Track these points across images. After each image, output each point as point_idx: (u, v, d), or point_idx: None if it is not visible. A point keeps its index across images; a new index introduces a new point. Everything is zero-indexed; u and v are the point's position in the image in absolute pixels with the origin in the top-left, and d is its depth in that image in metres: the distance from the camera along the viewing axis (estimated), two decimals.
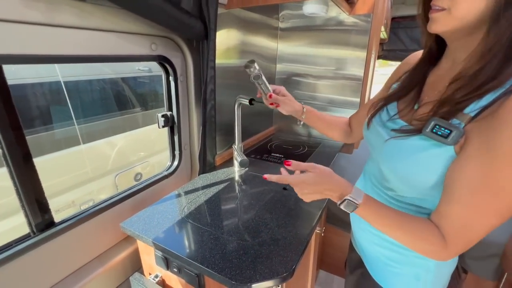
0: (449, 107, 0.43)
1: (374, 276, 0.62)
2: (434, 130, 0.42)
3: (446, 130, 0.41)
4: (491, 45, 0.39)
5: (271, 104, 0.80)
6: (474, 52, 0.42)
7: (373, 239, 0.60)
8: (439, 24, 0.44)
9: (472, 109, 0.40)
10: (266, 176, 0.58)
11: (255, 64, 0.74)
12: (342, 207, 0.50)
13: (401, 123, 0.52)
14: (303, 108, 0.82)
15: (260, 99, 0.82)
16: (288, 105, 0.80)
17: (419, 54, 0.58)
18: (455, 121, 0.42)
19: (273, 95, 0.79)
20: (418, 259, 0.55)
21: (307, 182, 0.52)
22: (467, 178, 0.41)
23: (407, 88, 0.55)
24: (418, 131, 0.45)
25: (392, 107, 0.56)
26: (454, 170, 0.42)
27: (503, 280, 1.10)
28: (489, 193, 0.39)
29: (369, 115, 0.60)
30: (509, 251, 1.08)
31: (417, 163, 0.45)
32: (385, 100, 0.58)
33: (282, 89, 0.82)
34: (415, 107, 0.51)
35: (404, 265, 0.56)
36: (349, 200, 0.49)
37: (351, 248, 0.75)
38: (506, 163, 0.37)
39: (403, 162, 0.48)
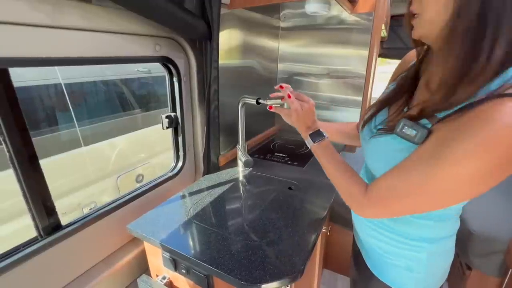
0: (420, 111, 0.45)
1: (370, 267, 0.64)
2: (403, 130, 0.45)
3: (412, 130, 0.44)
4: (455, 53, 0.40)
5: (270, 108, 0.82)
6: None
7: (370, 232, 0.62)
8: (415, 30, 0.46)
9: (443, 112, 0.42)
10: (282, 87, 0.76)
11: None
12: (309, 137, 0.66)
13: (383, 126, 0.55)
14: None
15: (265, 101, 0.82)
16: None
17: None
18: (424, 121, 0.44)
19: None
20: (410, 252, 0.56)
21: (300, 114, 0.68)
22: (413, 157, 0.44)
23: (399, 93, 0.56)
24: (391, 130, 0.48)
25: (383, 113, 0.58)
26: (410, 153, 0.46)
27: (508, 276, 1.11)
28: (423, 173, 0.42)
29: (364, 120, 0.62)
30: None
31: (391, 160, 0.48)
32: (378, 105, 0.60)
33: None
34: (405, 109, 0.52)
35: (397, 257, 0.58)
36: (320, 131, 0.66)
37: (354, 242, 0.76)
38: (450, 156, 0.39)
39: (380, 159, 0.52)
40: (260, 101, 0.86)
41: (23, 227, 1.38)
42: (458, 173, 0.39)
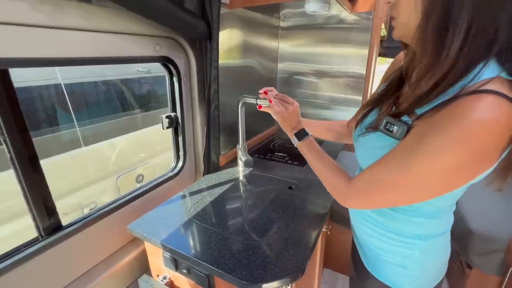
0: (400, 109, 0.48)
1: (366, 264, 0.65)
2: (386, 127, 0.48)
3: (394, 127, 0.46)
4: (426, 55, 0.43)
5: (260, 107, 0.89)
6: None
7: (364, 229, 0.63)
8: (394, 31, 0.50)
9: (422, 109, 0.44)
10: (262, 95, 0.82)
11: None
12: (294, 138, 0.72)
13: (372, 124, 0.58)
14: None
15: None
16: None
17: None
18: (405, 117, 0.46)
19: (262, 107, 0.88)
20: (403, 249, 0.57)
21: (287, 114, 0.75)
22: (392, 152, 0.47)
23: (389, 93, 0.58)
24: (376, 128, 0.51)
25: (374, 113, 0.60)
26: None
27: (508, 274, 1.11)
28: (402, 165, 0.44)
29: (357, 120, 0.64)
30: None
31: (377, 156, 0.50)
32: (370, 105, 0.62)
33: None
34: (393, 109, 0.54)
35: (391, 254, 0.59)
36: (304, 130, 0.72)
37: (353, 242, 0.77)
38: (426, 149, 0.41)
39: (367, 156, 0.55)
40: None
41: (24, 227, 1.38)
42: (432, 168, 0.40)
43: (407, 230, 0.56)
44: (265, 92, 0.81)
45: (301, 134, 0.71)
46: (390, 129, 0.47)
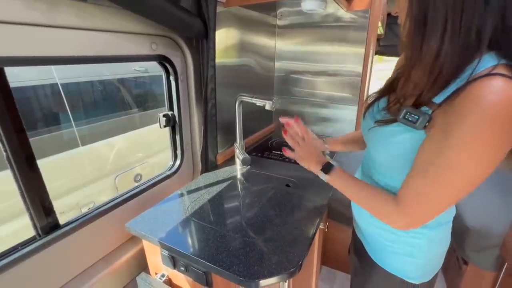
0: (417, 98, 0.49)
1: (371, 255, 0.67)
2: (405, 117, 0.49)
3: (415, 116, 0.48)
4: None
5: None
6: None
7: (371, 221, 0.65)
8: (402, 35, 0.53)
9: (439, 98, 0.46)
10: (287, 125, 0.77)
11: None
12: (321, 171, 0.66)
13: (385, 114, 0.59)
14: (326, 144, 0.92)
15: None
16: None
17: None
18: (424, 108, 0.48)
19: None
20: (411, 239, 0.59)
21: (304, 149, 0.71)
22: (425, 152, 0.48)
23: (397, 83, 0.61)
24: (394, 120, 0.52)
25: (384, 100, 0.63)
26: (419, 148, 0.49)
27: (503, 270, 1.12)
28: (441, 166, 0.45)
29: (365, 108, 0.67)
30: (509, 241, 1.10)
31: (395, 146, 0.53)
32: (378, 94, 0.65)
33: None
34: (401, 100, 0.56)
35: (399, 244, 0.61)
36: (330, 163, 0.67)
37: (354, 234, 0.78)
38: (457, 141, 0.42)
39: (385, 146, 0.56)
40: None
41: (22, 227, 1.37)
42: (469, 156, 0.42)
43: None
44: (285, 132, 0.76)
45: (327, 168, 0.66)
46: (409, 119, 0.48)
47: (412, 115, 0.48)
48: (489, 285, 1.20)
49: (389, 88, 0.62)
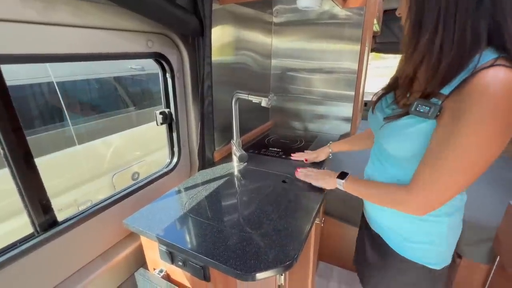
0: (424, 91, 0.54)
1: (396, 249, 0.69)
2: (417, 109, 0.52)
3: (426, 107, 0.52)
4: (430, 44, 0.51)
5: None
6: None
7: (392, 217, 0.69)
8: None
9: (447, 89, 0.50)
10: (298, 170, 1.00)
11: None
12: (338, 179, 0.79)
13: (394, 108, 0.63)
14: (329, 148, 1.13)
15: None
16: (320, 157, 1.14)
17: None
18: (434, 100, 0.52)
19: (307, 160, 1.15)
20: (433, 228, 0.63)
21: (315, 174, 0.93)
22: (436, 140, 0.52)
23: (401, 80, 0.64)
24: (406, 113, 0.56)
25: (390, 96, 0.67)
26: (432, 136, 0.53)
27: (496, 263, 1.15)
28: (452, 152, 0.49)
29: (373, 102, 0.71)
30: (501, 235, 1.12)
31: (409, 137, 0.56)
32: (385, 90, 0.69)
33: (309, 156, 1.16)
34: (408, 95, 0.60)
35: (421, 234, 0.65)
36: (344, 172, 0.81)
37: (365, 228, 0.82)
38: (465, 128, 0.46)
39: (398, 138, 0.59)
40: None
41: (21, 225, 1.37)
42: (475, 141, 0.46)
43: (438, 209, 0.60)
44: (297, 172, 1.01)
45: (340, 176, 0.80)
46: (421, 110, 0.52)
47: (424, 106, 0.52)
48: (482, 278, 1.23)
49: (395, 84, 0.66)
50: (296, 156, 1.17)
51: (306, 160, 1.14)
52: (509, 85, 0.42)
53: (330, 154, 1.14)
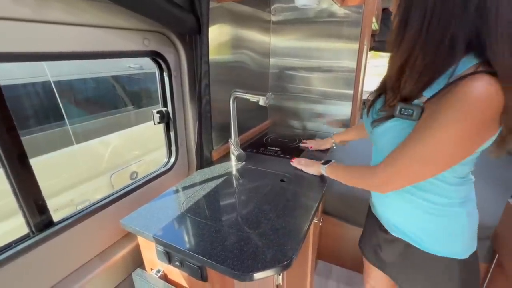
0: (408, 93, 0.56)
1: (419, 247, 0.69)
2: (401, 112, 0.56)
3: (410, 110, 0.55)
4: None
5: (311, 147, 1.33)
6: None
7: (407, 216, 0.70)
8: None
9: (428, 92, 0.54)
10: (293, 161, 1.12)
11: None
12: (322, 165, 0.94)
13: (380, 114, 0.66)
14: (332, 139, 1.28)
15: None
16: (324, 145, 1.31)
17: None
18: (416, 101, 0.55)
19: (313, 147, 1.33)
20: (451, 220, 0.65)
21: (306, 162, 1.08)
22: (410, 134, 0.56)
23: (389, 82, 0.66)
24: (391, 116, 0.60)
25: (381, 100, 0.69)
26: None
27: (494, 261, 1.15)
28: (419, 140, 0.53)
29: (367, 106, 0.74)
30: (499, 233, 1.12)
31: (396, 139, 0.59)
32: (376, 93, 0.72)
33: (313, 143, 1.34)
34: (397, 96, 0.61)
35: (443, 229, 0.66)
36: (328, 160, 0.95)
37: (381, 230, 0.80)
38: (439, 123, 0.49)
39: (387, 139, 0.63)
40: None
41: (19, 225, 1.37)
42: (445, 137, 0.49)
43: (452, 201, 0.63)
44: (293, 159, 1.14)
45: (324, 163, 0.93)
46: (405, 113, 0.55)
47: (407, 109, 0.55)
48: (480, 276, 1.23)
49: (385, 86, 0.67)
50: (304, 143, 1.36)
51: (311, 147, 1.31)
52: (486, 93, 0.45)
53: (334, 144, 1.29)
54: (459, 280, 0.67)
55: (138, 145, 2.20)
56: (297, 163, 1.09)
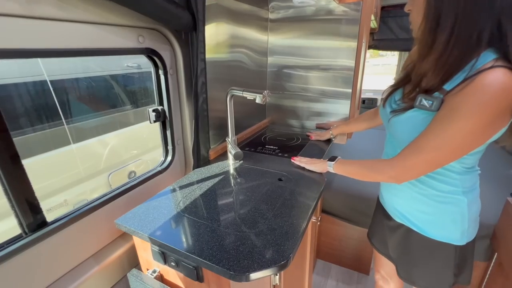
0: (430, 86, 0.60)
1: (421, 232, 0.75)
2: (421, 103, 0.60)
3: (429, 101, 0.59)
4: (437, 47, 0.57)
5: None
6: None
7: (411, 204, 0.75)
8: (413, 33, 0.64)
9: (449, 85, 0.57)
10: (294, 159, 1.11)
11: None
12: (329, 162, 0.92)
13: (400, 104, 0.70)
14: (330, 131, 1.34)
15: None
16: (323, 137, 1.37)
17: None
18: (436, 94, 0.58)
19: (313, 137, 1.41)
20: (453, 207, 0.69)
21: (308, 160, 1.06)
22: (430, 125, 0.59)
23: (409, 77, 0.70)
24: (411, 106, 0.64)
25: (399, 92, 0.74)
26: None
27: (493, 260, 1.14)
28: (438, 131, 0.57)
29: (383, 98, 0.80)
30: (499, 232, 1.11)
31: (414, 129, 0.63)
32: (394, 86, 0.76)
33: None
34: (417, 90, 0.65)
35: (443, 214, 0.70)
36: (334, 156, 0.93)
37: (386, 218, 0.86)
38: (458, 114, 0.54)
39: (405, 129, 0.66)
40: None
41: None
42: (466, 127, 0.53)
43: (455, 189, 0.67)
44: (293, 158, 1.13)
45: (332, 159, 0.93)
46: (425, 104, 0.59)
47: (428, 101, 0.59)
48: (480, 275, 1.22)
49: (404, 81, 0.73)
50: (308, 134, 1.43)
51: (311, 137, 1.39)
52: (504, 85, 0.49)
53: (332, 136, 1.35)
54: (453, 265, 0.73)
55: (136, 145, 2.19)
56: (298, 161, 1.08)
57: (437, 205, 0.70)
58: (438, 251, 0.73)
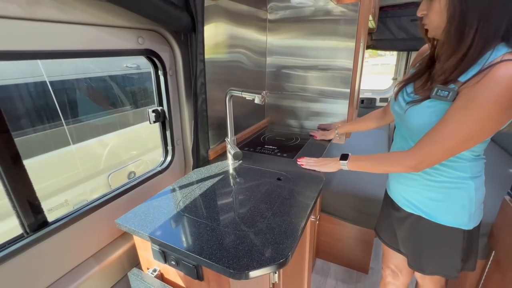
0: (447, 78, 0.64)
1: (430, 218, 0.78)
2: (438, 94, 0.64)
3: (445, 92, 0.63)
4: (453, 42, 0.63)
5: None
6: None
7: (422, 192, 0.78)
8: (429, 33, 0.69)
9: (464, 77, 0.61)
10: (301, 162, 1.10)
11: None
12: (341, 161, 0.92)
13: (414, 96, 0.74)
14: (336, 130, 1.35)
15: None
16: (328, 136, 1.39)
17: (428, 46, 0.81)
18: (452, 85, 0.63)
19: (318, 136, 1.43)
20: (462, 192, 0.73)
21: (316, 161, 1.05)
22: (445, 115, 0.63)
23: (421, 73, 0.76)
24: (427, 97, 0.68)
25: (410, 86, 0.78)
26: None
27: (491, 258, 1.15)
28: (456, 123, 0.61)
29: (395, 92, 0.83)
30: (496, 230, 1.12)
31: (430, 116, 0.67)
32: (405, 81, 0.81)
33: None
34: (429, 83, 0.70)
35: (453, 200, 0.74)
36: (345, 154, 0.93)
37: (395, 210, 0.89)
38: (473, 104, 0.58)
39: (421, 119, 0.70)
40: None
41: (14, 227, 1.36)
42: (482, 116, 0.58)
43: (464, 174, 0.71)
44: (302, 164, 1.10)
45: (342, 158, 0.92)
46: (441, 94, 0.63)
47: (443, 91, 0.63)
48: (477, 273, 1.23)
49: (415, 76, 0.78)
50: (312, 134, 1.46)
51: (316, 137, 1.41)
52: None
53: (338, 135, 1.36)
54: (461, 249, 0.76)
55: (136, 145, 2.19)
56: (306, 163, 1.06)
57: (447, 191, 0.73)
58: (448, 236, 0.76)
